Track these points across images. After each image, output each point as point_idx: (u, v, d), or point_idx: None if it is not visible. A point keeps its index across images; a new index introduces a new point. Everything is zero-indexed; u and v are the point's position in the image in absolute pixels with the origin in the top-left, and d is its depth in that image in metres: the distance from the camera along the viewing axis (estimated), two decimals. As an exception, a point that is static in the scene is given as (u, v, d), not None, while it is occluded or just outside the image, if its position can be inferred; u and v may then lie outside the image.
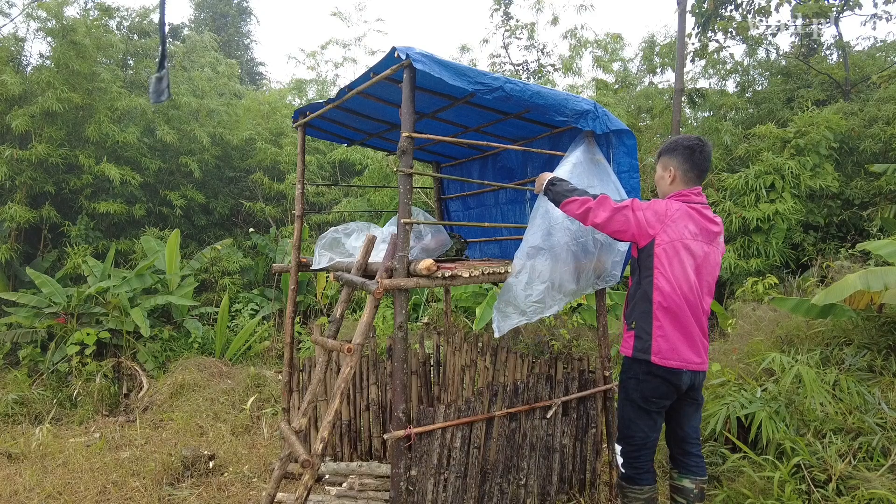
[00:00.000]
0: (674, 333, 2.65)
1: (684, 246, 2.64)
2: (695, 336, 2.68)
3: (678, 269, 2.63)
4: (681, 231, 2.65)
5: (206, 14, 20.23)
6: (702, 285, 2.68)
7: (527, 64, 12.76)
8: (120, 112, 9.01)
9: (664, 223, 2.65)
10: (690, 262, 2.64)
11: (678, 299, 2.62)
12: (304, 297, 8.93)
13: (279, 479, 3.17)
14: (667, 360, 2.66)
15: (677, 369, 2.66)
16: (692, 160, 2.79)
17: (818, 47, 11.66)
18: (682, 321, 2.65)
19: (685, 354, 2.66)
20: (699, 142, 2.81)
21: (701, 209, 2.72)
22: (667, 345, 2.66)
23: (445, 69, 2.88)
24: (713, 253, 2.72)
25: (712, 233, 2.72)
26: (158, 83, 3.78)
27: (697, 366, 2.70)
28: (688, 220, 2.67)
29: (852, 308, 4.50)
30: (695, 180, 2.82)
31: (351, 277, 3.18)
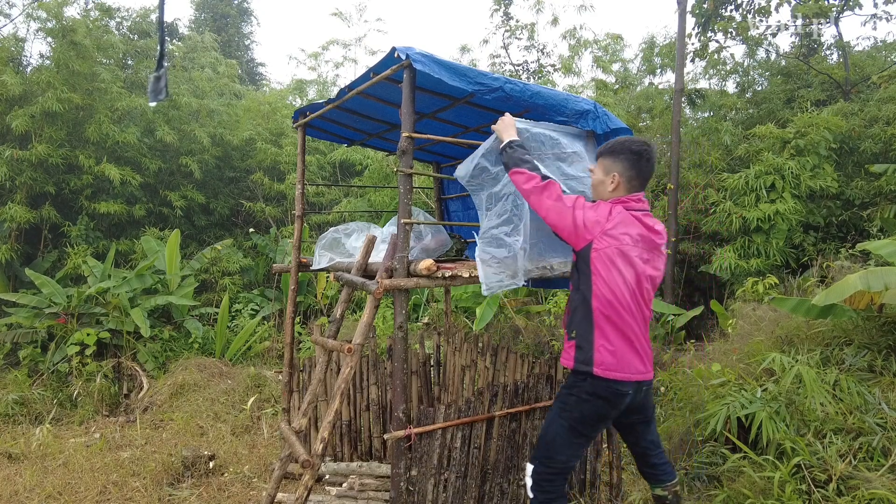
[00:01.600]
0: (617, 342, 2.53)
1: (623, 252, 2.52)
2: (637, 345, 2.56)
3: (618, 276, 2.51)
4: (620, 237, 2.52)
5: (207, 14, 20.23)
6: (642, 293, 2.57)
7: (527, 64, 12.76)
8: (120, 112, 9.01)
9: (603, 227, 2.53)
10: (630, 269, 2.52)
11: (619, 307, 2.51)
12: (305, 297, 8.94)
13: (279, 480, 3.17)
14: (610, 372, 2.52)
15: (622, 381, 2.53)
16: (638, 167, 2.63)
17: (818, 47, 11.66)
18: (624, 330, 2.54)
19: (631, 364, 2.54)
20: (646, 147, 2.65)
21: (642, 216, 2.60)
22: (610, 356, 2.53)
23: (445, 69, 2.88)
24: (654, 260, 2.61)
25: (653, 241, 2.61)
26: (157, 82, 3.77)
27: (642, 374, 2.58)
28: (628, 226, 2.55)
29: (852, 308, 4.50)
30: (638, 188, 2.67)
31: (351, 277, 3.18)
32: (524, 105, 3.26)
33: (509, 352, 4.03)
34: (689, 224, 9.17)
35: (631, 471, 4.39)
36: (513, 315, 6.96)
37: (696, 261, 8.92)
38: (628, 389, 2.56)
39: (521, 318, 7.01)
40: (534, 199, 2.67)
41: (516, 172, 2.73)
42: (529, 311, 7.18)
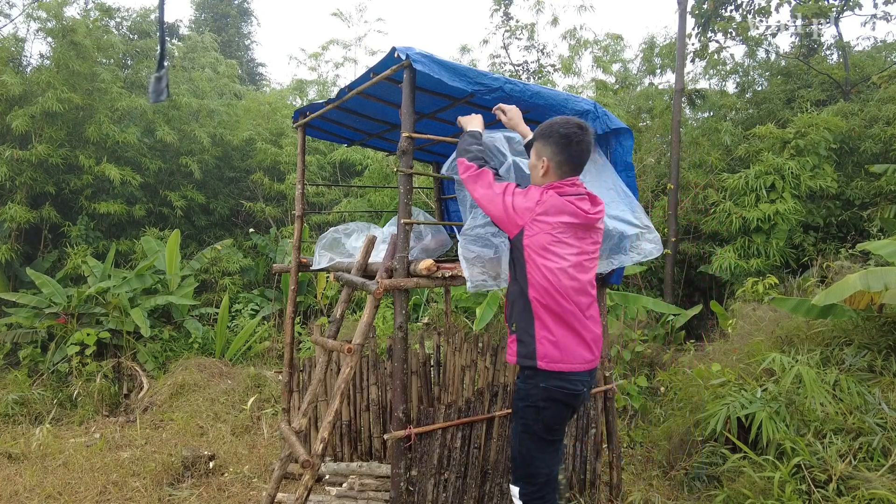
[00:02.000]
0: (559, 332, 2.43)
1: (556, 238, 2.42)
2: (582, 332, 2.46)
3: (553, 263, 2.41)
4: (552, 222, 2.42)
5: (207, 14, 20.23)
6: (583, 277, 2.47)
7: (527, 64, 12.76)
8: (120, 112, 9.01)
9: (533, 213, 2.43)
10: (567, 253, 2.43)
11: (557, 295, 2.40)
12: (305, 297, 8.94)
13: (279, 480, 3.17)
14: (554, 364, 2.42)
15: (569, 374, 2.43)
16: (568, 152, 2.50)
17: (818, 47, 11.65)
18: (566, 318, 2.43)
19: (576, 353, 2.44)
20: (578, 129, 2.50)
21: (576, 200, 2.48)
22: (553, 348, 2.42)
23: (445, 69, 2.89)
24: (591, 237, 2.54)
25: (590, 225, 2.51)
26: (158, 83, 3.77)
27: (590, 363, 2.50)
28: (560, 211, 2.44)
29: (852, 308, 4.50)
30: (570, 173, 2.54)
31: (351, 278, 3.18)
32: (524, 105, 3.26)
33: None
34: (689, 224, 9.17)
35: (631, 471, 4.40)
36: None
37: (696, 261, 8.92)
38: (580, 387, 2.48)
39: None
40: (469, 188, 2.63)
41: (460, 161, 2.70)
42: (529, 311, 7.17)
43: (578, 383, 2.47)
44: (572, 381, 2.45)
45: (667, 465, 4.35)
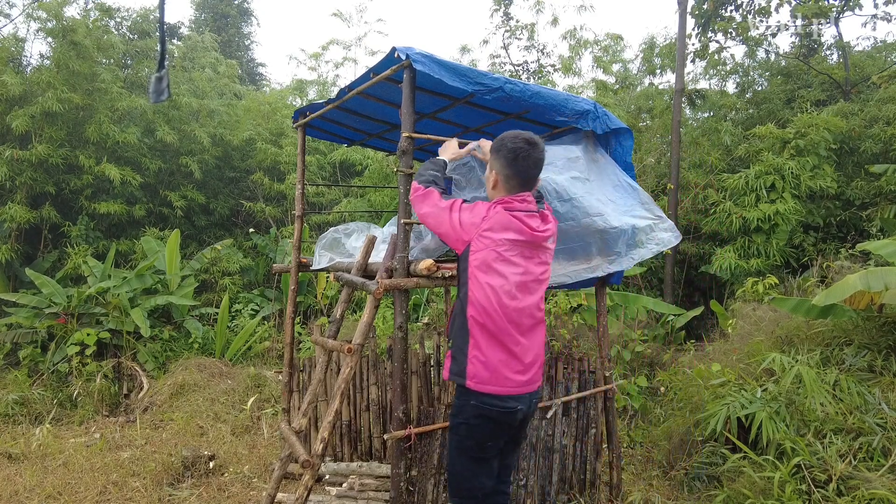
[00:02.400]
0: (491, 354, 2.36)
1: (500, 255, 2.36)
2: (519, 354, 2.39)
3: (494, 281, 2.35)
4: (497, 239, 2.36)
5: (207, 14, 20.23)
6: (526, 298, 2.40)
7: (527, 64, 12.76)
8: (120, 112, 9.01)
9: (479, 229, 2.38)
10: (510, 272, 2.36)
11: (495, 315, 2.35)
12: (305, 297, 8.94)
13: (279, 480, 3.17)
14: (483, 386, 2.36)
15: (500, 396, 2.37)
16: (514, 166, 2.44)
17: (818, 47, 11.66)
18: (502, 339, 2.37)
19: (506, 376, 2.37)
20: (526, 145, 2.44)
21: (524, 217, 2.41)
22: (483, 369, 2.37)
23: (445, 69, 2.89)
24: (538, 257, 2.46)
25: (537, 243, 2.44)
26: (158, 83, 3.77)
27: (524, 386, 2.41)
28: (506, 230, 2.37)
29: (852, 308, 4.50)
30: (518, 188, 2.48)
31: (351, 278, 3.18)
32: (524, 105, 3.27)
33: (509, 352, 4.03)
34: (690, 224, 9.17)
35: (631, 471, 4.40)
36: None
37: (696, 261, 8.92)
38: (514, 405, 2.40)
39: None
40: (416, 208, 2.62)
41: (413, 186, 2.69)
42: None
43: (515, 401, 2.40)
44: (505, 400, 2.39)
45: (667, 465, 4.35)
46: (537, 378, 2.49)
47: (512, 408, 2.40)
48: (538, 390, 2.54)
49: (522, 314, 2.40)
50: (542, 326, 2.50)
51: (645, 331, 6.81)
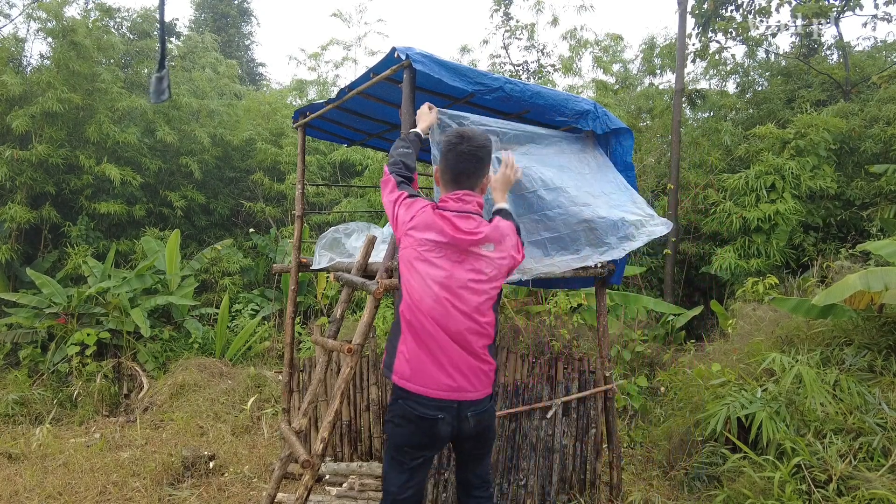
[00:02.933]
0: (415, 353, 2.30)
1: (421, 256, 2.29)
2: (442, 359, 2.28)
3: (417, 280, 2.29)
4: (419, 238, 2.31)
5: (207, 14, 20.23)
6: (454, 302, 2.27)
7: (527, 64, 12.75)
8: (120, 112, 9.02)
9: (406, 227, 2.35)
10: (434, 274, 2.27)
11: (419, 314, 2.28)
12: (305, 297, 8.94)
13: (279, 480, 3.17)
14: (405, 382, 2.31)
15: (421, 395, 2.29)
16: (446, 159, 2.40)
17: (818, 47, 11.65)
18: (426, 341, 2.28)
19: (430, 377, 2.28)
20: (456, 138, 2.38)
21: (453, 218, 2.30)
22: (406, 366, 2.31)
23: (445, 69, 2.89)
24: (468, 263, 2.31)
25: (461, 247, 2.30)
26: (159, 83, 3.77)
27: (450, 391, 2.28)
28: (428, 229, 2.30)
29: (852, 308, 4.50)
30: (450, 183, 2.41)
31: (351, 277, 3.18)
32: (524, 105, 3.27)
33: (509, 352, 4.03)
34: (690, 224, 9.17)
35: (631, 471, 4.40)
36: (513, 315, 6.96)
37: (697, 261, 8.92)
38: (436, 413, 2.29)
39: (521, 318, 7.01)
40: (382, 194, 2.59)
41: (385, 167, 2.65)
42: (529, 311, 7.18)
43: (437, 409, 2.29)
44: (427, 405, 2.30)
45: (667, 465, 4.35)
46: (471, 388, 2.32)
47: (432, 416, 2.29)
48: (477, 403, 2.35)
49: (449, 318, 2.27)
50: (479, 337, 2.32)
51: (645, 331, 6.81)
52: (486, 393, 2.38)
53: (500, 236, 2.38)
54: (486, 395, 2.38)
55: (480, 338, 2.32)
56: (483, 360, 2.35)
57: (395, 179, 2.53)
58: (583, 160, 3.43)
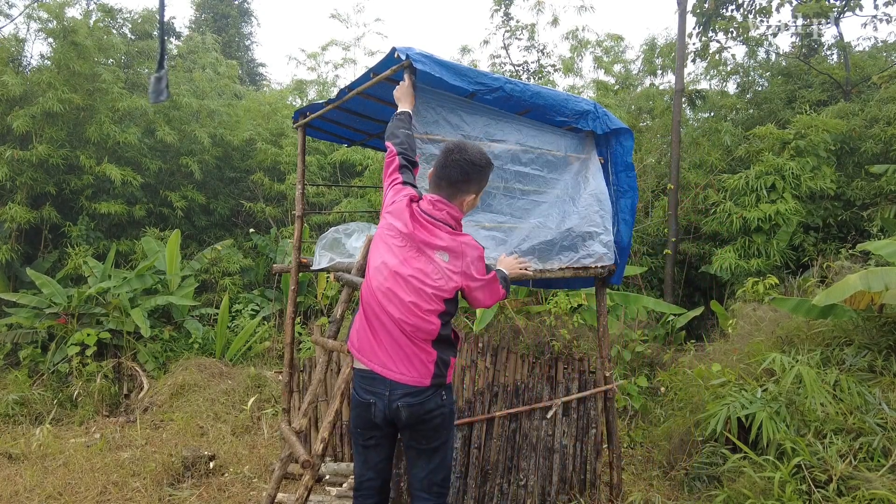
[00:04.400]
0: (364, 327, 2.43)
1: (384, 239, 2.43)
2: (383, 338, 2.36)
3: (375, 262, 2.42)
4: (389, 224, 2.44)
5: (208, 14, 20.23)
6: (398, 292, 2.33)
7: (527, 64, 12.75)
8: (121, 113, 9.02)
9: (386, 209, 2.50)
10: (388, 261, 2.37)
11: (367, 292, 2.42)
12: (305, 297, 8.94)
13: (279, 480, 3.17)
14: (353, 350, 2.46)
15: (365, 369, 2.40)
16: (437, 161, 2.52)
17: (819, 48, 11.65)
18: (371, 319, 2.40)
19: (371, 350, 2.39)
20: (454, 146, 2.48)
21: (419, 215, 2.39)
22: (355, 335, 2.47)
23: (445, 69, 2.89)
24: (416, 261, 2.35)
25: (416, 245, 2.37)
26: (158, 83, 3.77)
27: (392, 374, 2.34)
28: (400, 215, 2.41)
29: (853, 308, 4.50)
30: (435, 187, 2.50)
31: (351, 278, 3.18)
32: (524, 105, 3.27)
33: (509, 352, 4.04)
34: (690, 224, 9.16)
35: (631, 471, 4.40)
36: (513, 315, 6.96)
37: (697, 261, 8.92)
38: (368, 397, 2.39)
39: (521, 318, 7.01)
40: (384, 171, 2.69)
41: (387, 144, 2.72)
42: (529, 311, 7.18)
43: (370, 394, 2.38)
44: (365, 388, 2.41)
45: (667, 466, 4.35)
46: (403, 372, 2.33)
47: (365, 400, 2.41)
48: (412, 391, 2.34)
49: (391, 303, 2.33)
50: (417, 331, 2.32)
51: (645, 331, 6.81)
52: (421, 383, 2.35)
53: (459, 252, 2.39)
54: (421, 384, 2.35)
55: (417, 331, 2.33)
56: (420, 348, 2.35)
57: (399, 161, 2.62)
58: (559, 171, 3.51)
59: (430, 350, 2.36)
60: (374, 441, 2.49)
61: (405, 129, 2.73)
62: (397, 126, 2.74)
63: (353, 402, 2.49)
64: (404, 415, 2.35)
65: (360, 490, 2.55)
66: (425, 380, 2.36)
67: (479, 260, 2.44)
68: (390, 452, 2.57)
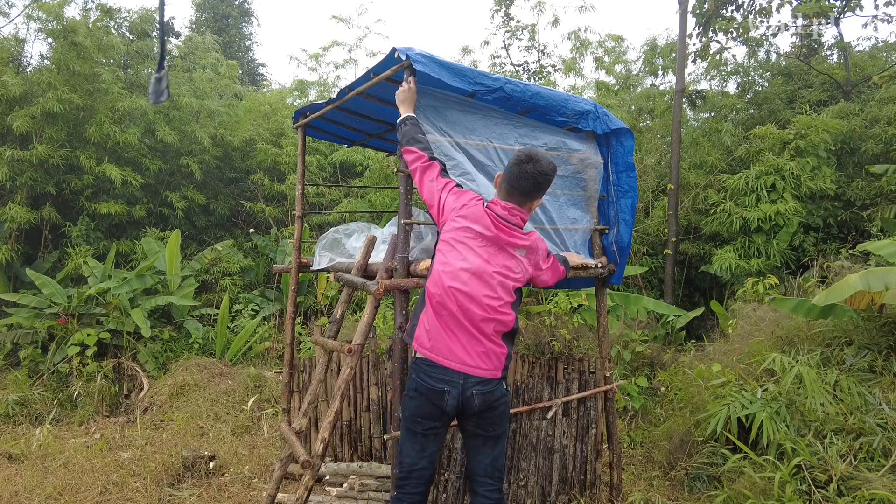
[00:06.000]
0: (434, 324, 2.50)
1: (463, 242, 2.51)
2: (460, 337, 2.48)
3: (452, 263, 2.49)
4: (464, 224, 2.53)
5: (208, 14, 20.24)
6: (478, 288, 2.46)
7: (527, 65, 12.75)
8: (121, 113, 9.02)
9: (455, 213, 2.57)
10: (470, 261, 2.48)
11: (442, 293, 2.47)
12: (305, 297, 8.94)
13: (279, 480, 3.17)
14: (424, 350, 2.51)
15: (437, 364, 2.47)
16: (509, 172, 2.60)
17: (819, 48, 11.65)
18: (446, 318, 2.48)
19: (448, 348, 2.48)
20: (526, 157, 2.55)
21: (496, 219, 2.53)
22: (426, 335, 2.52)
23: (445, 70, 2.89)
24: (500, 258, 2.53)
25: (500, 244, 2.53)
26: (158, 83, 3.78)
27: (468, 368, 2.47)
28: (477, 219, 2.53)
29: (853, 308, 4.50)
30: (506, 195, 2.60)
31: (351, 278, 3.18)
32: (524, 105, 3.27)
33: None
34: (690, 224, 9.16)
35: (631, 471, 4.40)
36: (513, 315, 6.96)
37: (697, 261, 8.92)
38: (443, 386, 2.46)
39: (522, 318, 7.01)
40: (417, 177, 2.75)
41: (408, 151, 2.78)
42: (529, 311, 7.18)
43: (444, 382, 2.47)
44: (437, 377, 2.48)
45: (667, 466, 4.35)
46: (480, 366, 2.49)
47: (439, 388, 2.47)
48: (485, 381, 2.50)
49: (471, 302, 2.46)
50: (494, 324, 2.49)
51: (645, 331, 6.81)
52: (494, 375, 2.54)
53: (533, 247, 2.65)
54: (494, 377, 2.54)
55: (496, 325, 2.50)
56: (495, 343, 2.53)
57: (439, 165, 2.74)
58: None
59: (502, 344, 2.55)
60: (432, 430, 2.55)
61: (421, 133, 2.82)
62: (413, 131, 2.80)
63: (418, 390, 2.51)
64: (477, 402, 2.49)
65: (410, 479, 2.55)
66: (497, 372, 2.55)
67: (545, 251, 2.75)
68: (442, 444, 2.69)
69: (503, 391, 2.59)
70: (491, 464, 2.60)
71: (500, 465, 2.63)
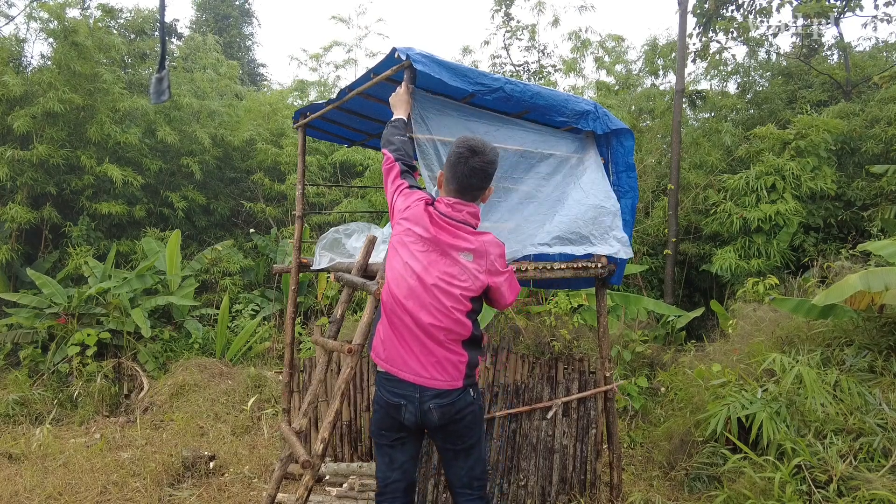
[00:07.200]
0: (387, 333, 2.40)
1: (403, 244, 2.40)
2: (413, 346, 2.35)
3: (397, 269, 2.38)
4: (407, 227, 2.41)
5: (209, 15, 20.25)
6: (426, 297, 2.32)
7: (527, 65, 12.75)
8: (121, 113, 9.02)
9: (400, 214, 2.46)
10: (413, 266, 2.35)
11: (392, 300, 2.37)
12: (305, 297, 8.94)
13: (279, 480, 3.16)
14: (380, 361, 2.42)
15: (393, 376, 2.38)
16: (452, 169, 2.44)
17: (819, 48, 11.65)
18: (396, 325, 2.37)
19: (401, 359, 2.36)
20: (467, 151, 2.40)
21: (438, 219, 2.38)
22: (381, 345, 2.42)
23: (445, 70, 2.89)
24: (442, 265, 2.36)
25: (442, 248, 2.37)
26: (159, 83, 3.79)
27: (421, 379, 2.34)
28: (419, 221, 2.39)
29: (853, 309, 4.49)
30: (454, 193, 2.45)
31: (351, 278, 3.18)
32: (525, 105, 3.27)
33: (509, 352, 4.03)
34: (690, 224, 9.16)
35: (631, 471, 4.40)
36: (513, 315, 6.96)
37: (697, 261, 8.92)
38: (399, 400, 2.37)
39: (522, 318, 7.01)
40: (384, 180, 2.68)
41: (384, 153, 2.71)
42: (530, 311, 7.17)
43: (400, 396, 2.37)
44: (392, 390, 2.39)
45: (667, 466, 4.35)
46: (437, 377, 2.35)
47: (395, 401, 2.38)
48: (443, 393, 2.35)
49: (420, 310, 2.33)
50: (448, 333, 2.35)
51: (645, 331, 6.81)
52: (453, 385, 2.37)
53: (481, 251, 2.42)
54: (453, 387, 2.37)
55: (449, 334, 2.36)
56: (451, 351, 2.38)
57: (399, 167, 2.61)
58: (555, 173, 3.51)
59: (461, 352, 2.39)
60: (400, 441, 2.47)
61: (400, 135, 2.72)
62: (392, 133, 2.74)
63: (379, 403, 2.45)
64: (436, 416, 2.36)
65: (385, 493, 2.48)
66: (457, 382, 2.39)
67: (500, 257, 2.47)
68: (416, 452, 2.55)
69: (469, 400, 2.42)
70: (467, 474, 2.50)
71: (477, 473, 2.52)
